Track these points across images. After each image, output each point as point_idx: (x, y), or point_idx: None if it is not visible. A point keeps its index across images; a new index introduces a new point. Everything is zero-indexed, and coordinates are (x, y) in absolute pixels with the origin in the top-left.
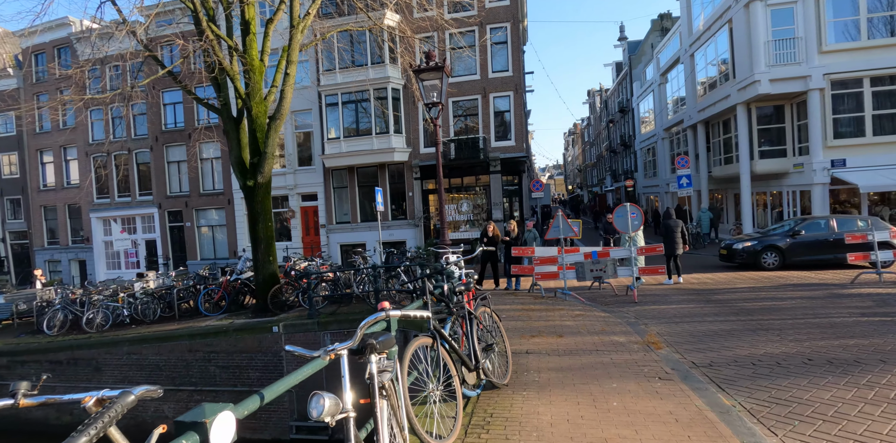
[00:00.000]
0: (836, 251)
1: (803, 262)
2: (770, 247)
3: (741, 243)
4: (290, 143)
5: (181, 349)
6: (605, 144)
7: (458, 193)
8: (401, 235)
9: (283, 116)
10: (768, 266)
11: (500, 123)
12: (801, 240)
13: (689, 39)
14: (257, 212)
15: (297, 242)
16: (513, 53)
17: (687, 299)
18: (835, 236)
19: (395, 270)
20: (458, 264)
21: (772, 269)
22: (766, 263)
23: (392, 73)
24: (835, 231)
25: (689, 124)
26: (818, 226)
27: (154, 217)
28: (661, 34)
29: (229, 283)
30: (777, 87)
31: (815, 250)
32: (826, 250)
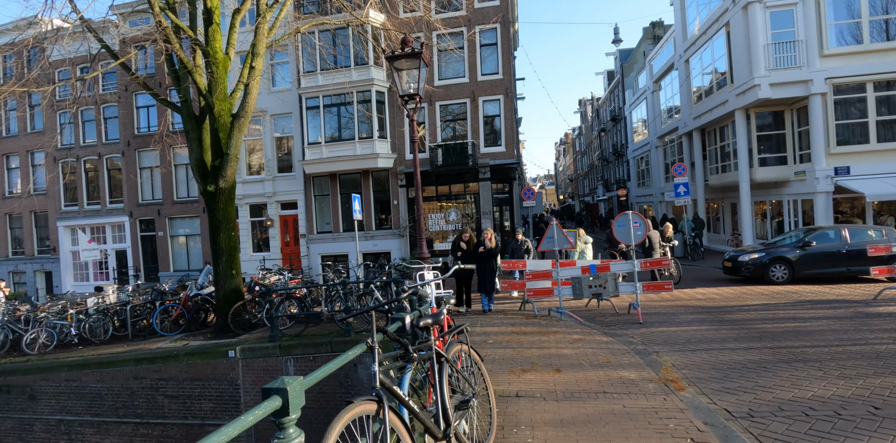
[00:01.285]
0: (850, 264)
1: (814, 275)
2: (779, 259)
3: (747, 255)
4: (268, 148)
5: (125, 376)
6: (596, 154)
7: (445, 202)
8: (385, 245)
9: (248, 115)
10: (777, 280)
11: (490, 128)
12: (812, 252)
13: (683, 45)
14: (219, 220)
15: (276, 253)
16: (503, 56)
17: (697, 319)
18: (847, 248)
19: (370, 285)
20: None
21: (781, 283)
22: (775, 276)
23: (376, 74)
24: (847, 242)
25: (684, 132)
26: (829, 237)
27: (125, 226)
28: (653, 42)
29: (189, 299)
30: (778, 91)
31: (826, 263)
32: (839, 263)
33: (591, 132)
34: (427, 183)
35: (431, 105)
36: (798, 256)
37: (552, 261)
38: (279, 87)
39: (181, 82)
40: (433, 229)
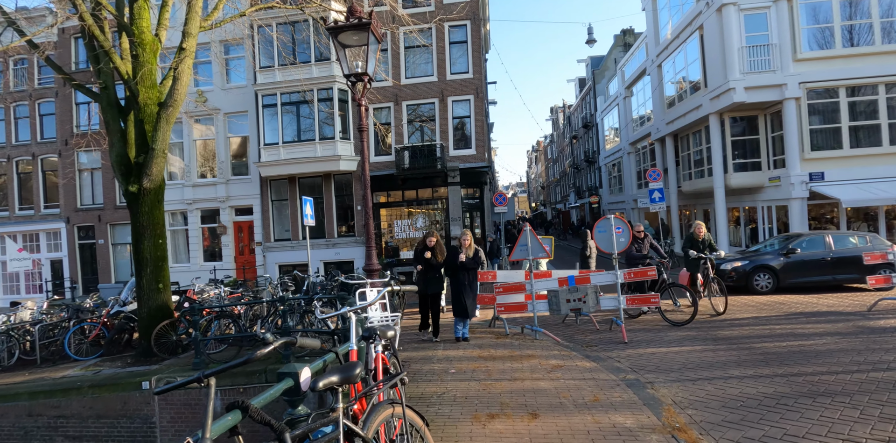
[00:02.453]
0: (836, 272)
1: (799, 284)
2: (762, 267)
3: (729, 263)
4: (221, 149)
5: (18, 413)
6: (568, 161)
7: (412, 207)
8: (348, 254)
9: (178, 104)
10: (761, 289)
11: (460, 129)
12: (797, 259)
13: (655, 49)
14: (142, 225)
15: (229, 262)
16: (473, 54)
17: (688, 338)
18: (833, 255)
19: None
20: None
21: (765, 292)
22: (759, 285)
23: (339, 71)
24: (832, 249)
25: (656, 137)
26: (815, 243)
27: (61, 233)
28: (624, 49)
29: (110, 317)
30: (752, 95)
31: (812, 271)
32: (825, 271)
33: (563, 139)
34: (393, 187)
35: (398, 105)
36: (783, 264)
37: (525, 272)
38: (234, 83)
39: (101, 65)
40: (399, 237)
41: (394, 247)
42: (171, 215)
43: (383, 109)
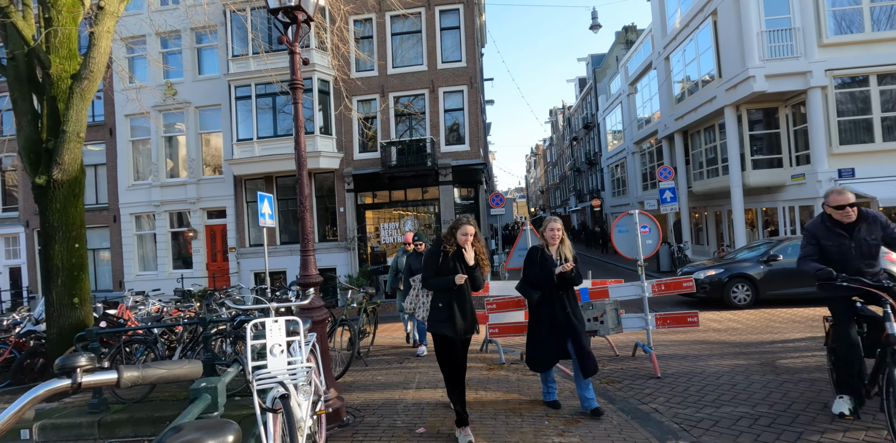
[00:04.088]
0: None
1: (780, 296)
2: (739, 277)
3: (702, 272)
4: (192, 146)
5: None
6: (568, 164)
7: (401, 209)
8: (330, 260)
9: (95, 76)
10: (739, 302)
11: (452, 123)
12: (780, 267)
13: (663, 41)
14: (53, 226)
15: (200, 270)
16: (466, 40)
17: (741, 367)
18: None
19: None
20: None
21: (743, 306)
22: (737, 298)
23: (319, 60)
24: None
25: (664, 135)
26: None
27: (20, 238)
28: (626, 46)
29: (19, 337)
30: (774, 84)
31: (797, 281)
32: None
33: (563, 142)
34: (379, 187)
35: (384, 97)
36: (763, 273)
37: None
38: (206, 74)
39: (6, 31)
40: (387, 241)
41: (380, 252)
42: (137, 219)
43: (368, 101)
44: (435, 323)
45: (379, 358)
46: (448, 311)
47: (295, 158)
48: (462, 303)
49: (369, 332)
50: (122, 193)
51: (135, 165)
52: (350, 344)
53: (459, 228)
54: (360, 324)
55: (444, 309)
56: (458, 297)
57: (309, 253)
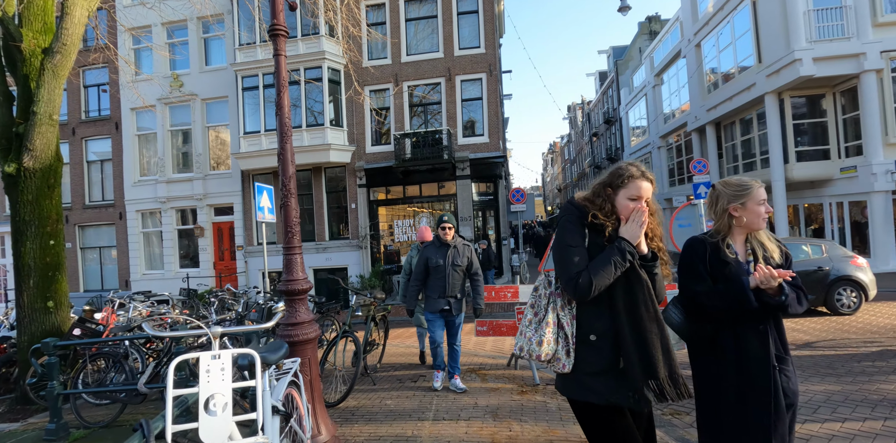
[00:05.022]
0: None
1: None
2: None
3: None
4: (198, 140)
5: None
6: (587, 160)
7: (416, 205)
8: (340, 259)
9: (69, 50)
10: (845, 309)
11: (470, 113)
12: None
13: (693, 27)
14: (24, 220)
15: (207, 269)
16: (485, 25)
17: (839, 395)
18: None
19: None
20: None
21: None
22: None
23: (329, 47)
24: None
25: (694, 127)
26: None
27: None
28: (649, 37)
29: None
30: (823, 68)
31: None
32: None
33: (582, 138)
34: (392, 182)
35: (398, 86)
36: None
37: None
38: (213, 65)
39: None
40: (401, 239)
41: (394, 251)
42: (143, 216)
43: (381, 91)
44: (583, 379)
45: (389, 374)
46: (611, 350)
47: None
48: (645, 333)
49: (378, 343)
50: (128, 190)
51: (141, 160)
52: (355, 359)
53: (627, 183)
54: (366, 335)
55: (603, 346)
56: (635, 318)
57: (294, 251)
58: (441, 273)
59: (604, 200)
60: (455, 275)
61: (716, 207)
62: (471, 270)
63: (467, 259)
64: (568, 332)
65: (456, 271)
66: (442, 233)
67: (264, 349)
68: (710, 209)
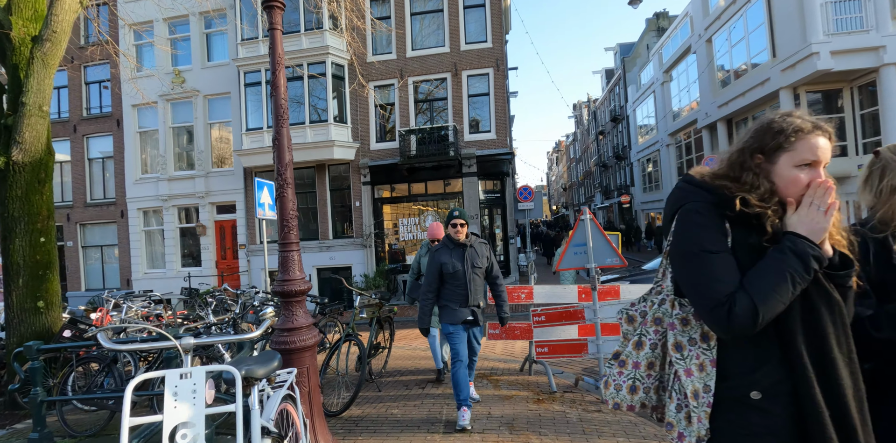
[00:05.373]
0: None
1: None
2: None
3: None
4: (200, 137)
5: None
6: (593, 159)
7: (421, 203)
8: (344, 258)
9: (60, 38)
10: None
11: (477, 109)
12: None
13: (703, 22)
14: (13, 216)
15: (209, 268)
16: (492, 19)
17: None
18: None
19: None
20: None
21: None
22: None
23: (333, 42)
24: None
25: (704, 124)
26: None
27: None
28: (657, 34)
29: None
30: (841, 61)
31: None
32: None
33: (588, 137)
34: (397, 179)
35: (403, 81)
36: None
37: (579, 286)
38: (216, 61)
39: None
40: (406, 238)
41: (399, 250)
42: (145, 214)
43: (386, 87)
44: None
45: (395, 380)
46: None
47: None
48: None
49: (384, 346)
50: (130, 187)
51: (143, 157)
52: (359, 364)
53: (795, 142)
54: (370, 338)
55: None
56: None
57: (290, 248)
58: (460, 280)
59: (755, 176)
60: (476, 279)
61: (879, 183)
62: (492, 272)
63: (487, 260)
64: (697, 384)
65: (477, 275)
66: (454, 231)
67: (252, 361)
68: (867, 188)
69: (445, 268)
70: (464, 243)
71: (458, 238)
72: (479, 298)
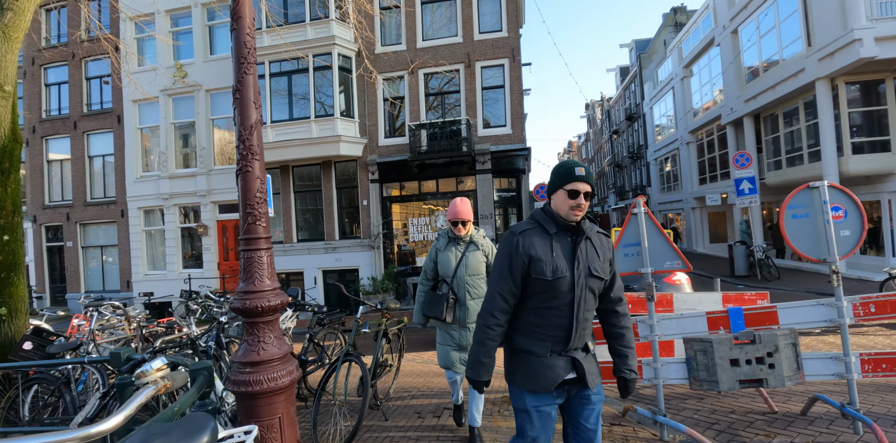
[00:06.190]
0: None
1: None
2: None
3: None
4: (202, 133)
5: None
6: (607, 159)
7: (432, 202)
8: (351, 259)
9: (24, 8)
10: None
11: (491, 102)
12: None
13: (729, 13)
14: None
15: (211, 270)
16: (507, 5)
17: None
18: None
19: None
20: None
21: None
22: None
23: (339, 32)
24: None
25: (729, 120)
26: None
27: (28, 234)
28: (674, 30)
29: None
30: (886, 48)
31: None
32: None
33: (601, 136)
34: (407, 177)
35: (413, 74)
36: None
37: (630, 295)
38: (218, 54)
39: None
40: (416, 239)
41: (408, 251)
42: (146, 214)
43: (395, 79)
44: None
45: (405, 404)
46: None
47: (234, 48)
48: None
49: (391, 364)
50: (130, 186)
51: (143, 155)
52: (361, 386)
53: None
54: (375, 356)
55: None
56: None
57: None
58: (563, 297)
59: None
60: (590, 299)
61: None
62: (611, 290)
63: (610, 265)
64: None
65: (592, 291)
66: (571, 204)
67: (162, 432)
68: None
69: (538, 270)
70: (581, 229)
71: (575, 216)
72: (588, 337)
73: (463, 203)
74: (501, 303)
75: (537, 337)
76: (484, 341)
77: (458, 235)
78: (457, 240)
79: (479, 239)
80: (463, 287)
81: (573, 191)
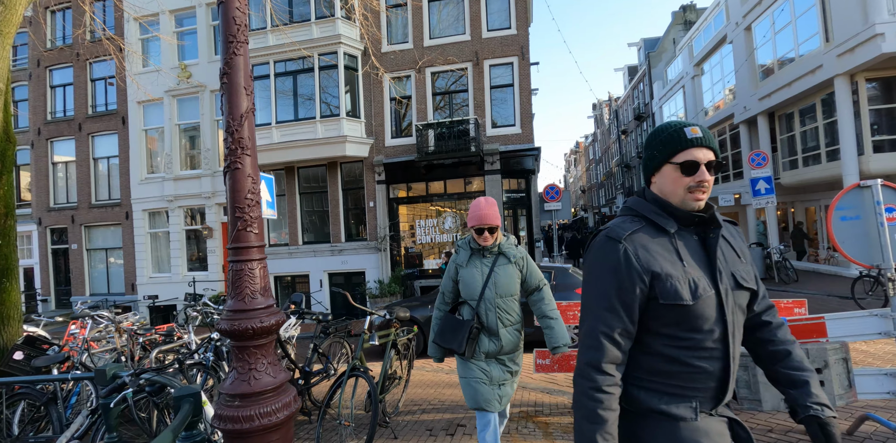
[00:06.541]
0: None
1: None
2: None
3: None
4: (207, 134)
5: None
6: (615, 159)
7: (439, 204)
8: (358, 262)
9: (14, 9)
10: None
11: (500, 101)
12: None
13: (741, 9)
14: None
15: (215, 273)
16: (517, 2)
17: None
18: None
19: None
20: None
21: None
22: None
23: (345, 30)
24: None
25: (742, 119)
26: None
27: (33, 237)
28: (684, 28)
29: None
30: None
31: None
32: None
33: (609, 137)
34: (414, 178)
35: (420, 73)
36: None
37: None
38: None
39: None
40: (423, 241)
41: (416, 254)
42: (151, 216)
43: (402, 79)
44: None
45: (415, 419)
46: None
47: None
48: None
49: (401, 376)
50: (135, 188)
51: (149, 156)
52: (369, 402)
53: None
54: (383, 369)
55: None
56: None
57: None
58: (711, 328)
59: None
60: (740, 323)
61: None
62: (758, 294)
63: (753, 270)
64: None
65: (742, 312)
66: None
67: None
68: None
69: (668, 291)
70: (713, 220)
71: (697, 202)
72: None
73: (489, 205)
74: (612, 350)
75: (674, 392)
76: (596, 414)
77: (484, 245)
78: (482, 252)
79: (509, 248)
80: (493, 311)
81: (689, 163)
